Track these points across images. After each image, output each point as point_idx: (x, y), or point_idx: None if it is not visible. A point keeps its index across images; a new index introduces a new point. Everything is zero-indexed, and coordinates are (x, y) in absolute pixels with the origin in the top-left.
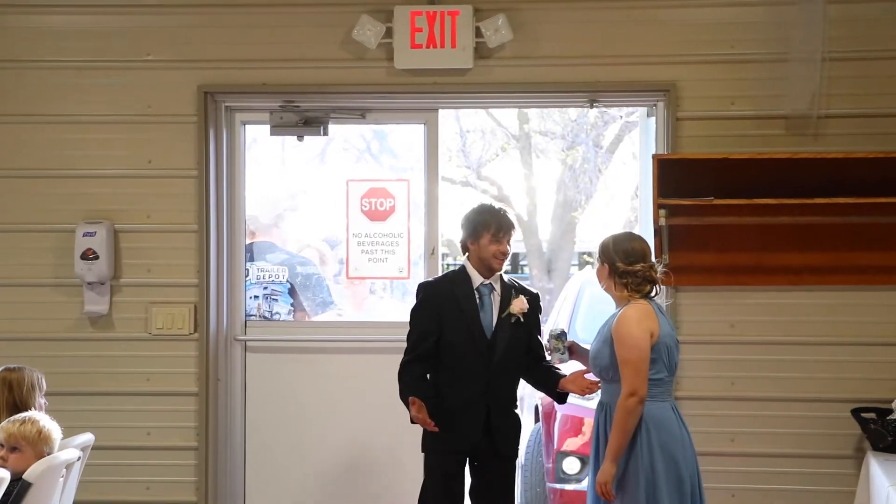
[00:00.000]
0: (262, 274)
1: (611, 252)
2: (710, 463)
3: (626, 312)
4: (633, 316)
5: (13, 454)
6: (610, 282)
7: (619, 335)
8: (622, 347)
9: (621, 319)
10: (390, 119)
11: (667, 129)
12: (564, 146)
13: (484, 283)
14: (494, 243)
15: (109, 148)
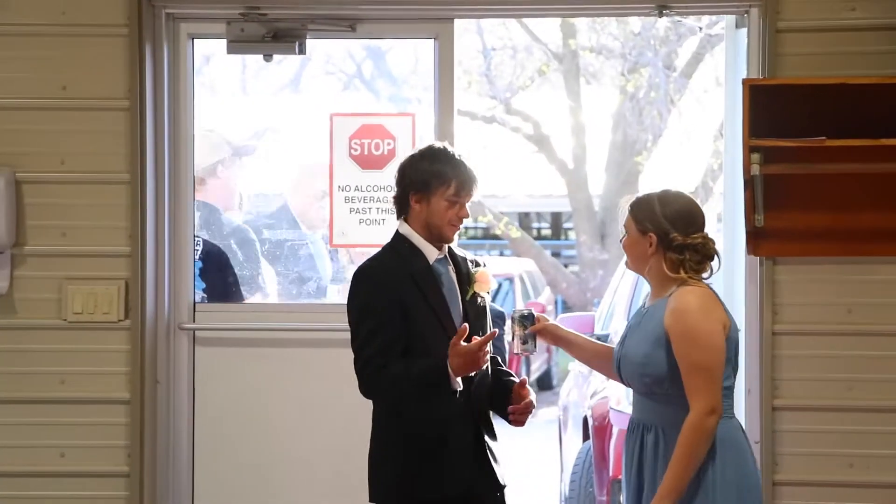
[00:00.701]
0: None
1: (659, 217)
2: (820, 496)
3: (684, 301)
4: (697, 305)
5: None
6: (654, 259)
7: (688, 332)
8: (694, 348)
9: (681, 311)
10: (389, 32)
11: (762, 44)
12: (624, 68)
13: (439, 258)
14: (452, 206)
15: (9, 70)
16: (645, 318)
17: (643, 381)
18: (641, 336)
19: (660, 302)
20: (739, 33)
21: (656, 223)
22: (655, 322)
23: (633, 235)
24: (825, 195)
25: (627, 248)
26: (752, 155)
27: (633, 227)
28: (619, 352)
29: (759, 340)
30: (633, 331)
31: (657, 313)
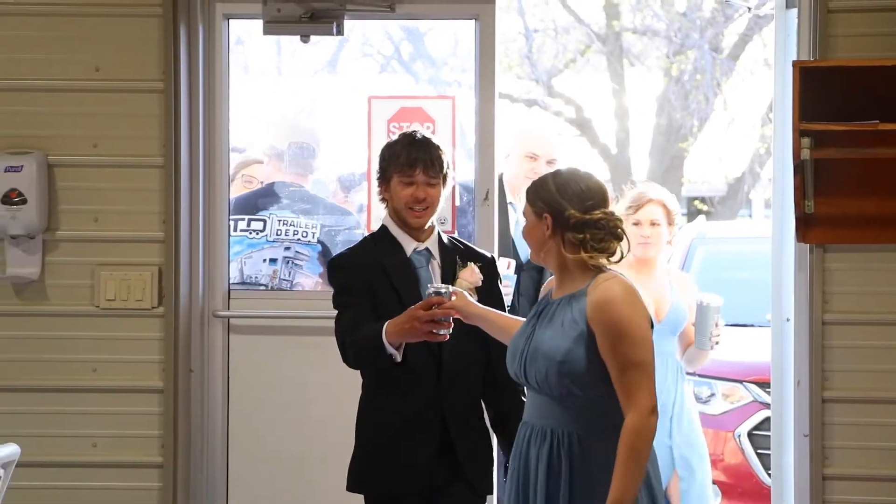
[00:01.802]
0: (285, 228)
1: (553, 194)
2: (870, 491)
3: (611, 292)
4: (623, 297)
5: None
6: (553, 244)
7: (618, 327)
8: (627, 344)
9: (609, 303)
10: (429, 13)
11: (813, 25)
12: (669, 50)
13: (418, 250)
14: (407, 186)
15: (42, 50)
16: (557, 311)
17: (560, 381)
18: (557, 331)
19: (576, 294)
20: (789, 13)
21: (550, 201)
22: (574, 316)
23: (531, 220)
24: (878, 180)
25: (526, 236)
26: (803, 139)
27: (529, 211)
28: (522, 348)
29: (808, 330)
30: (542, 326)
31: (575, 306)
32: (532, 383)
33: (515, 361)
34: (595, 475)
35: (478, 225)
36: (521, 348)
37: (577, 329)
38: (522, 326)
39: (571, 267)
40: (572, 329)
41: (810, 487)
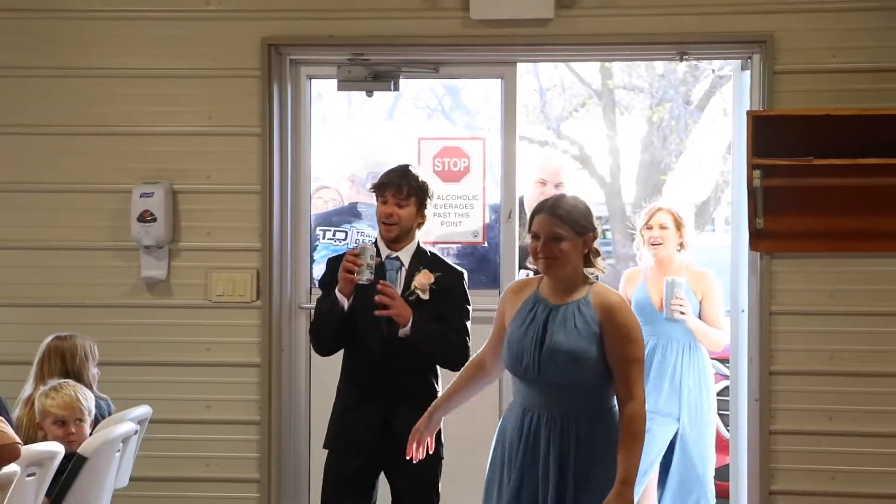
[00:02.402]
0: (361, 238)
1: (590, 217)
2: (807, 442)
3: (615, 298)
4: (623, 303)
5: (80, 425)
6: (578, 258)
7: (626, 328)
8: (631, 343)
9: (616, 308)
10: (465, 73)
11: (763, 83)
12: (651, 102)
13: (391, 257)
14: (380, 202)
15: (169, 104)
16: (567, 315)
17: (579, 374)
18: (573, 334)
19: (581, 301)
20: (744, 74)
21: (589, 222)
22: (586, 320)
23: (572, 238)
24: (813, 203)
25: (566, 252)
26: (755, 171)
27: (569, 230)
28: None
29: (759, 319)
30: (555, 328)
31: (585, 312)
32: (547, 377)
33: (526, 359)
34: (598, 447)
35: (503, 237)
36: (531, 347)
37: (590, 331)
38: (519, 328)
39: (576, 278)
40: (587, 331)
41: (759, 440)
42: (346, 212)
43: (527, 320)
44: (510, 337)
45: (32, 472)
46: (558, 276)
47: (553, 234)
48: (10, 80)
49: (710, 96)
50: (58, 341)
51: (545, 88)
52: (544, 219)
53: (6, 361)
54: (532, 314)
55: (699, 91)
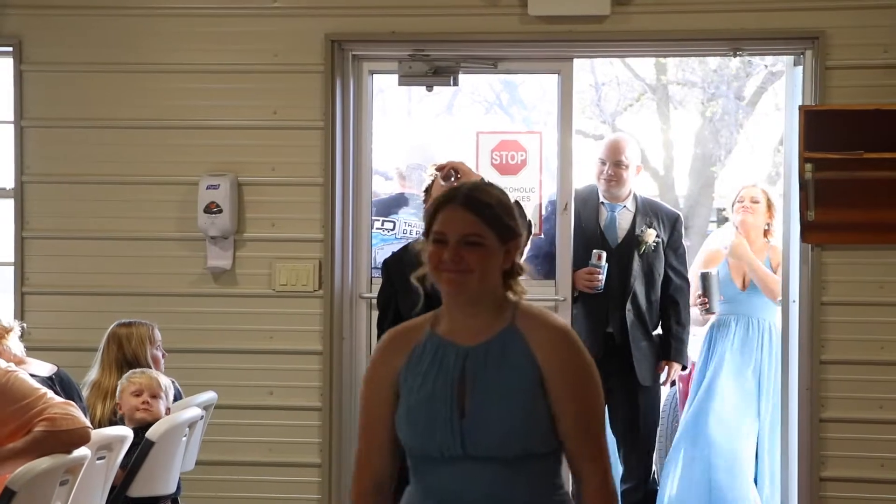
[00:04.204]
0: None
1: (517, 217)
2: (857, 430)
3: (557, 324)
4: (572, 331)
5: (155, 401)
6: (498, 278)
7: (584, 368)
8: (589, 389)
9: (565, 339)
10: (523, 69)
11: (815, 78)
12: (704, 98)
13: None
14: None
15: (234, 98)
16: (488, 356)
17: (523, 440)
18: (504, 384)
19: (504, 333)
20: (797, 69)
21: (519, 225)
22: (518, 358)
23: (493, 245)
24: (863, 196)
25: (485, 264)
26: (806, 164)
27: (491, 233)
28: (447, 415)
29: (809, 309)
30: (474, 383)
31: (512, 348)
32: (478, 452)
33: (441, 432)
34: None
35: (559, 229)
36: (446, 414)
37: (528, 375)
38: (419, 391)
39: (495, 302)
40: (524, 376)
41: (810, 427)
42: (394, 202)
43: (430, 376)
44: (408, 407)
45: (102, 455)
46: (471, 300)
47: (468, 236)
48: (83, 76)
49: (762, 92)
50: (118, 328)
51: (601, 83)
52: (456, 214)
53: (77, 348)
54: (436, 366)
55: (751, 86)
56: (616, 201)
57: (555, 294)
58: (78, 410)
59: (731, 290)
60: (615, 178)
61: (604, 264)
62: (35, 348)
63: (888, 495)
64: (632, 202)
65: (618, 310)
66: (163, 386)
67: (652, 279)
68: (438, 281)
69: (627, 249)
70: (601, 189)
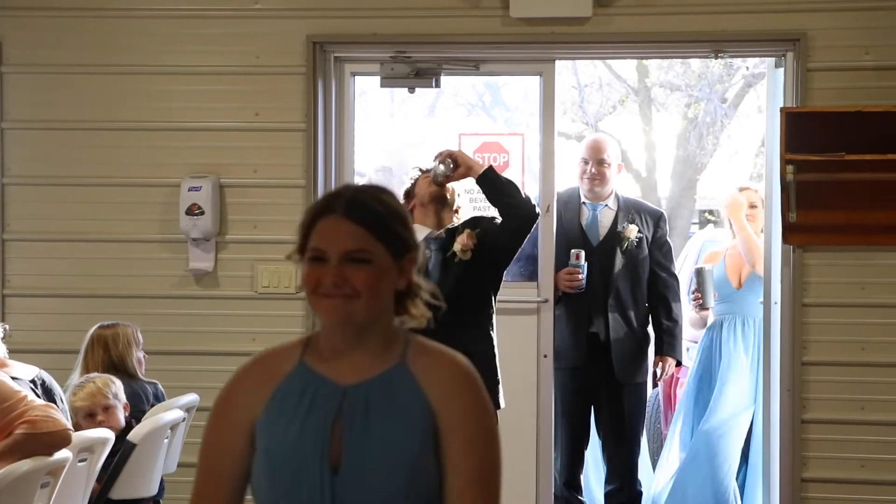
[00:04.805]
0: None
1: (410, 227)
2: (838, 431)
3: (457, 361)
4: (474, 371)
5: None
6: (389, 301)
7: (484, 425)
8: (495, 442)
9: (465, 379)
10: (505, 70)
11: (796, 80)
12: (686, 100)
13: (432, 236)
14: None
15: (216, 100)
16: (369, 399)
17: (403, 497)
18: (388, 434)
19: (395, 371)
20: (778, 71)
21: (414, 236)
22: (407, 401)
23: (383, 261)
24: (844, 198)
25: (373, 285)
26: (788, 166)
27: (381, 247)
28: (316, 468)
29: (791, 311)
30: (354, 430)
31: (401, 391)
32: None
33: (309, 485)
34: None
35: (541, 231)
36: (314, 464)
37: (418, 424)
38: (284, 433)
39: (381, 331)
40: (412, 425)
41: (791, 428)
42: None
43: (297, 418)
44: (269, 457)
45: (84, 458)
46: (357, 330)
47: (352, 252)
48: (64, 78)
49: (744, 94)
50: (101, 330)
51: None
52: (337, 226)
53: (59, 351)
54: (305, 408)
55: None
56: (598, 200)
57: (537, 296)
58: (59, 413)
59: (726, 290)
60: (598, 177)
61: (583, 263)
62: (17, 351)
63: (869, 496)
64: (613, 201)
65: (601, 309)
66: (110, 389)
67: (636, 276)
68: (316, 309)
69: (609, 247)
70: (584, 188)
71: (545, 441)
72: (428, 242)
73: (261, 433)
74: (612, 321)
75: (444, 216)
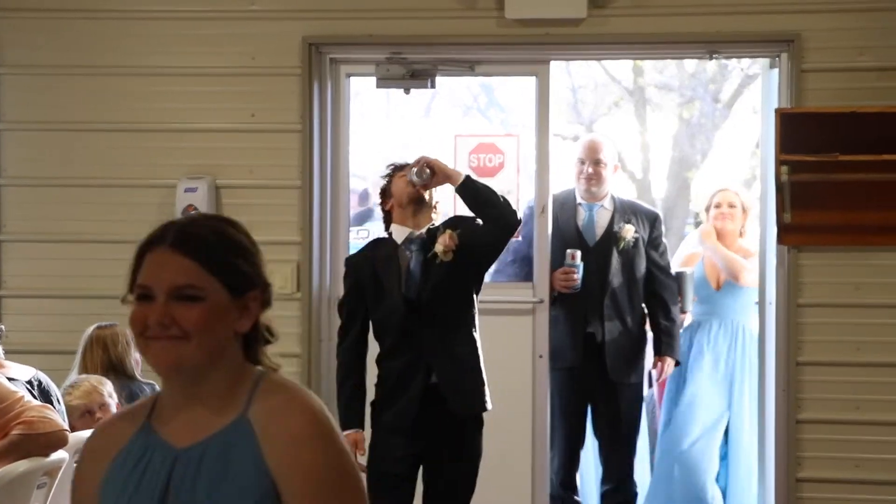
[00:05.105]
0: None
1: (258, 260)
2: (833, 431)
3: (302, 410)
4: (329, 420)
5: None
6: (230, 344)
7: (335, 484)
8: (342, 492)
9: (315, 438)
10: (500, 71)
11: (790, 81)
12: (681, 101)
13: (413, 236)
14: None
15: (212, 101)
16: (201, 465)
17: None
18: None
19: (232, 428)
20: (772, 72)
21: (261, 269)
22: (244, 466)
23: (219, 298)
24: (838, 198)
25: (208, 326)
26: (782, 167)
27: (215, 281)
28: None
29: (786, 311)
30: (179, 497)
31: (239, 451)
32: None
33: None
34: None
35: (536, 232)
36: None
37: (254, 490)
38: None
39: (222, 381)
40: (247, 492)
41: (787, 428)
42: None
43: (128, 489)
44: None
45: None
46: (190, 379)
47: (181, 288)
48: (60, 79)
49: (739, 94)
50: (100, 331)
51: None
52: (165, 259)
53: (56, 351)
54: (137, 476)
55: (728, 90)
56: (594, 201)
57: (532, 296)
58: (55, 413)
59: (705, 291)
60: (595, 177)
61: (579, 263)
62: (13, 352)
63: (864, 496)
64: (609, 202)
65: (597, 309)
66: (105, 387)
67: (632, 277)
68: (145, 355)
69: (605, 247)
70: (581, 189)
71: (541, 441)
72: (408, 243)
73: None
74: (607, 321)
75: (423, 216)
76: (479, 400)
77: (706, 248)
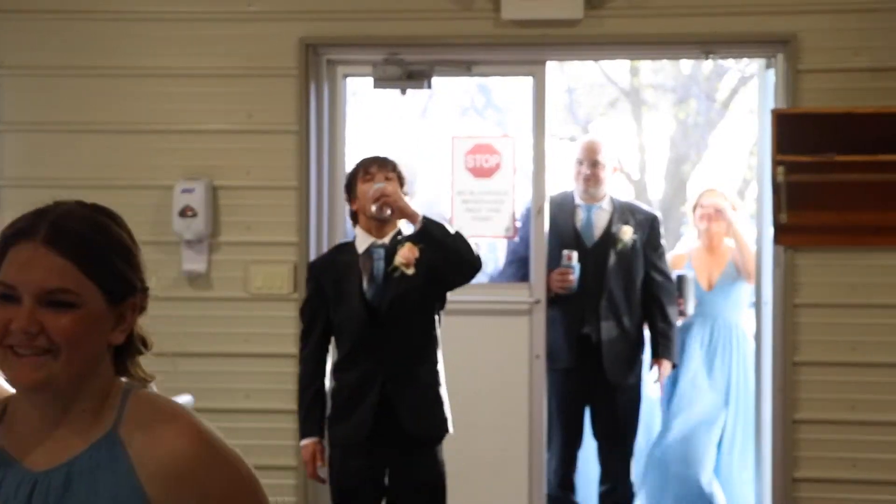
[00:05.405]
0: None
1: (135, 262)
2: (829, 431)
3: (193, 432)
4: (214, 437)
5: None
6: (102, 354)
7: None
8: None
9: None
10: (496, 72)
11: (787, 82)
12: (677, 101)
13: (376, 245)
14: (367, 182)
15: (209, 102)
16: (69, 488)
17: None
18: None
19: (104, 444)
20: (768, 73)
21: (138, 272)
22: (108, 495)
23: (93, 303)
24: (835, 198)
25: (77, 335)
26: (779, 167)
27: (90, 284)
28: None
29: (782, 311)
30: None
31: (109, 472)
32: None
33: None
34: None
35: (532, 233)
36: None
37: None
38: None
39: (90, 396)
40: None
41: (783, 428)
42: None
43: None
44: None
45: None
46: (56, 396)
47: (53, 292)
48: (56, 80)
49: (734, 95)
50: None
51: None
52: (34, 255)
53: None
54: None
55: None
56: (593, 201)
57: (529, 297)
58: None
59: (696, 291)
60: (593, 178)
61: (575, 264)
62: None
63: (861, 495)
64: (608, 203)
65: (594, 310)
66: None
67: (630, 278)
68: (2, 368)
69: (603, 248)
70: (579, 190)
71: (537, 442)
72: (372, 251)
73: None
74: (604, 323)
75: (389, 224)
76: (435, 422)
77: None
